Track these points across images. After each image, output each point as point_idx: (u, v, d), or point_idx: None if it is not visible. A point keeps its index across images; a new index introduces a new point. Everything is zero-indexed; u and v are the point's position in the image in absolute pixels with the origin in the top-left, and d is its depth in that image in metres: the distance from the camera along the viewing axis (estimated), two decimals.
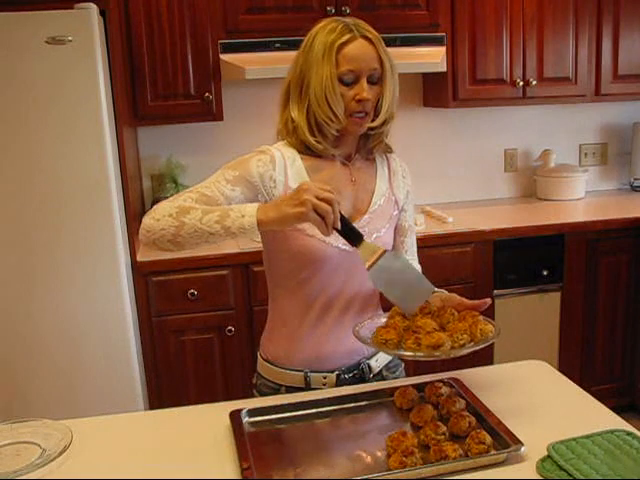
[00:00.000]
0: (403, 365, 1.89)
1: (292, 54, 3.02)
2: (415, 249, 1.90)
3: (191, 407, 1.63)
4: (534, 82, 3.42)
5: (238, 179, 1.64)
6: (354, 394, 1.57)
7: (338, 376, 1.74)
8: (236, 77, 3.05)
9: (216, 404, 1.61)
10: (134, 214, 2.92)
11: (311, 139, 1.68)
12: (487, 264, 3.19)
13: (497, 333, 1.48)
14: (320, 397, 1.56)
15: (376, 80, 1.64)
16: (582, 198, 3.81)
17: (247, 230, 1.46)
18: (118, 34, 2.80)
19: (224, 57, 3.05)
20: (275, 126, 1.77)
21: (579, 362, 3.37)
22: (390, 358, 1.83)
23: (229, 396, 1.67)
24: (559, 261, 3.28)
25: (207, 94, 3.09)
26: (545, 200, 3.81)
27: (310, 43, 1.67)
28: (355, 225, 1.60)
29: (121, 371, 2.73)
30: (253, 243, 3.01)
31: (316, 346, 1.74)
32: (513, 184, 3.97)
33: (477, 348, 1.43)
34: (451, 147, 3.81)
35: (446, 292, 1.69)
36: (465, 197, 3.86)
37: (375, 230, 1.74)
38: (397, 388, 1.55)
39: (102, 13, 2.62)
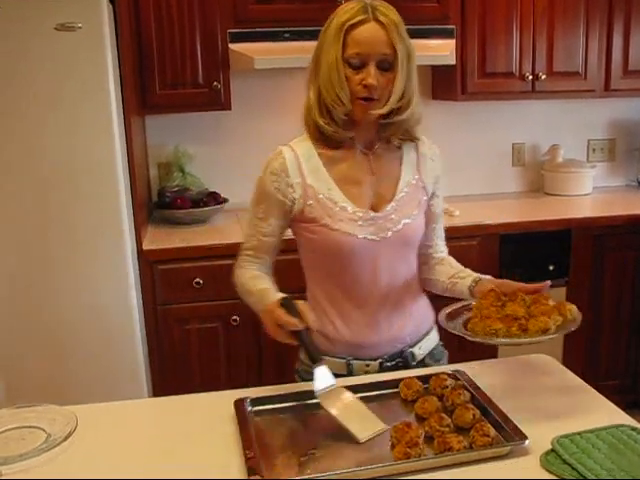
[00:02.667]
0: (447, 354, 1.90)
1: (301, 44, 3.07)
2: (443, 234, 1.90)
3: (196, 395, 1.63)
4: (543, 76, 3.40)
5: (266, 211, 1.74)
6: (359, 384, 1.57)
7: (381, 364, 1.75)
8: (245, 67, 3.04)
9: (221, 392, 1.62)
10: (141, 202, 2.92)
11: (321, 121, 1.68)
12: (493, 258, 3.18)
13: (579, 315, 1.51)
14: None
15: (388, 66, 1.61)
16: (589, 194, 3.79)
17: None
18: (127, 22, 2.79)
19: (233, 46, 3.04)
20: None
21: (583, 358, 3.36)
22: (434, 346, 1.84)
23: (233, 385, 1.67)
24: (565, 256, 3.27)
25: (215, 83, 3.09)
26: (552, 195, 3.79)
27: (328, 24, 1.66)
28: (380, 214, 1.68)
29: (126, 359, 2.73)
30: None
31: (357, 335, 1.75)
32: (520, 178, 3.95)
33: (570, 330, 1.46)
34: (459, 140, 3.79)
35: (490, 277, 1.70)
36: (472, 191, 3.85)
37: (404, 217, 1.73)
38: (402, 379, 1.56)
39: (111, 0, 2.62)
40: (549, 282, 1.58)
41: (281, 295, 1.61)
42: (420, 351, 1.81)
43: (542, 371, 1.69)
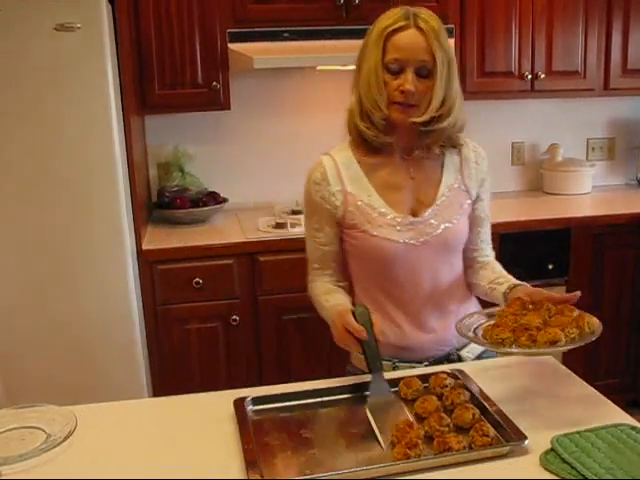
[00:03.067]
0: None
1: (300, 44, 3.07)
2: (489, 238, 1.90)
3: (196, 395, 1.63)
4: (542, 75, 3.41)
5: (319, 221, 1.79)
6: (358, 384, 1.57)
7: (426, 367, 1.75)
8: (244, 67, 3.04)
9: (220, 392, 1.62)
10: (140, 202, 2.92)
11: (361, 125, 1.71)
12: None
13: (600, 328, 1.47)
14: (324, 386, 1.57)
15: (427, 73, 1.62)
16: (589, 193, 3.79)
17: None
18: (126, 22, 2.79)
19: (232, 46, 3.04)
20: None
21: (583, 357, 3.35)
22: (483, 349, 1.81)
23: (233, 385, 1.67)
24: (565, 255, 3.27)
25: (215, 83, 3.09)
26: (552, 194, 3.79)
27: (371, 29, 1.69)
28: (420, 219, 1.71)
29: (126, 359, 2.73)
30: (259, 233, 3.02)
31: (401, 337, 1.78)
32: (520, 177, 3.95)
33: (586, 342, 1.43)
34: None
35: (528, 285, 1.69)
36: None
37: (444, 221, 1.74)
38: (402, 378, 1.56)
39: (111, 1, 2.62)
40: (579, 293, 1.57)
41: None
42: (469, 354, 1.81)
43: (541, 370, 1.69)
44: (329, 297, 1.77)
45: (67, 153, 2.54)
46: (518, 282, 1.73)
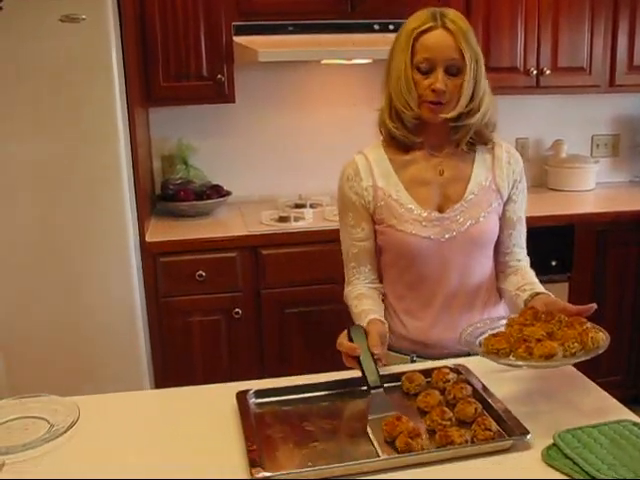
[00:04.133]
0: None
1: (305, 37, 3.07)
2: (523, 241, 1.88)
3: (198, 387, 1.63)
4: (548, 71, 3.40)
5: (355, 217, 1.81)
6: (360, 377, 1.57)
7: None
8: (249, 59, 3.03)
9: (223, 384, 1.62)
10: (144, 195, 2.92)
11: (390, 125, 1.74)
12: None
13: (606, 342, 1.43)
14: (326, 380, 1.57)
15: (456, 72, 1.65)
16: (593, 189, 3.78)
17: None
18: (131, 14, 2.79)
19: (237, 39, 3.03)
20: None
21: None
22: None
23: (235, 378, 1.67)
24: (568, 252, 3.26)
25: (219, 76, 3.08)
26: (555, 190, 3.78)
27: (400, 31, 1.72)
28: (446, 215, 1.73)
29: (128, 351, 2.74)
30: (262, 226, 3.02)
31: (422, 333, 1.80)
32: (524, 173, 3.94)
33: (588, 357, 1.40)
34: None
35: (551, 295, 1.68)
36: None
37: (471, 218, 1.75)
38: (404, 373, 1.56)
39: None
40: (595, 305, 1.55)
41: (371, 317, 1.68)
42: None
43: None
44: (358, 302, 1.79)
45: (71, 145, 2.54)
46: (541, 290, 1.72)
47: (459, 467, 1.25)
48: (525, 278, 1.81)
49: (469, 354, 1.77)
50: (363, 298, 1.80)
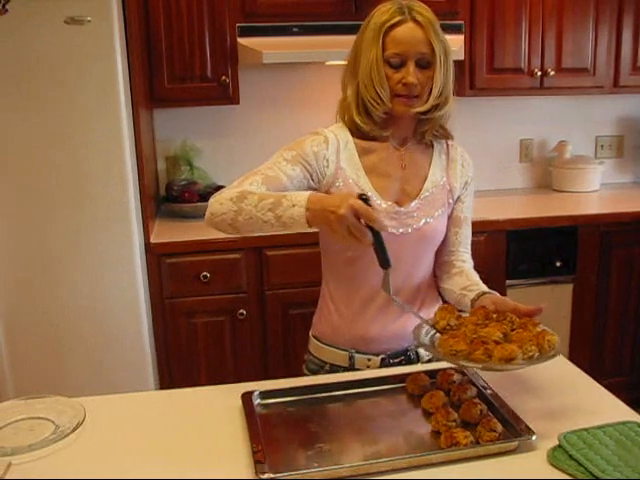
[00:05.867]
0: None
1: (309, 39, 3.07)
2: (468, 242, 1.87)
3: (204, 388, 1.63)
4: (552, 72, 3.40)
5: (296, 158, 1.68)
6: (365, 379, 1.57)
7: (383, 360, 1.77)
8: (253, 61, 3.04)
9: (228, 385, 1.62)
10: (148, 196, 2.93)
11: (358, 119, 1.71)
12: (500, 254, 3.18)
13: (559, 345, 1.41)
14: (331, 381, 1.57)
15: (426, 64, 1.64)
16: (597, 190, 3.78)
17: (296, 220, 1.45)
18: (136, 15, 2.79)
19: (241, 41, 3.04)
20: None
21: (589, 354, 3.36)
22: None
23: (239, 379, 1.67)
24: (572, 253, 3.26)
25: (224, 77, 3.09)
26: (560, 191, 3.78)
27: (366, 24, 1.69)
28: (404, 209, 1.70)
29: (133, 352, 2.74)
30: None
31: (362, 328, 1.77)
32: (528, 174, 3.95)
33: (545, 362, 1.39)
34: (466, 136, 3.73)
35: (497, 294, 1.66)
36: (479, 186, 3.76)
37: (426, 215, 1.75)
38: (409, 374, 1.56)
39: None
40: (544, 306, 1.51)
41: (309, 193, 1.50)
42: (426, 352, 1.81)
43: (548, 367, 1.68)
44: (283, 194, 1.51)
45: (76, 146, 2.55)
46: (488, 290, 1.70)
47: (464, 468, 1.25)
48: (470, 279, 1.79)
49: (407, 350, 1.78)
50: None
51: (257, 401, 1.49)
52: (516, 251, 3.21)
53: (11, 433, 1.41)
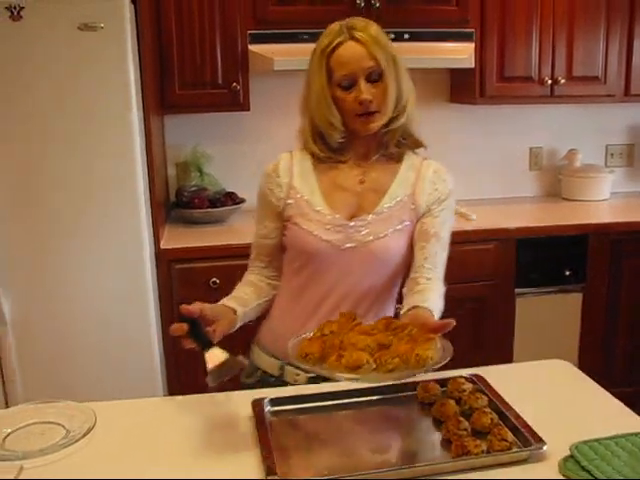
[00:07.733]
0: None
1: None
2: (437, 260, 1.72)
3: (214, 394, 1.63)
4: (562, 80, 3.39)
5: (261, 214, 1.81)
6: (377, 387, 1.57)
7: (310, 378, 1.70)
8: (264, 68, 3.05)
9: (238, 392, 1.62)
10: (159, 202, 2.94)
11: (314, 147, 1.73)
12: (509, 262, 3.18)
13: (438, 362, 1.30)
14: (342, 389, 1.57)
15: (377, 77, 1.65)
16: (607, 199, 3.77)
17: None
18: (148, 22, 2.81)
19: (252, 47, 3.05)
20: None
21: (599, 364, 3.34)
22: None
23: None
24: (582, 262, 3.26)
25: (234, 84, 3.10)
26: (569, 200, 3.78)
27: (313, 51, 1.71)
28: (355, 223, 1.69)
29: (142, 358, 2.75)
30: None
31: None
32: (538, 183, 3.94)
33: (407, 377, 1.35)
34: (476, 144, 3.78)
35: (431, 310, 1.57)
36: (489, 194, 3.83)
37: (375, 232, 1.70)
38: (419, 382, 1.55)
39: (133, 1, 2.63)
40: (453, 322, 1.38)
41: (224, 301, 1.76)
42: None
43: (559, 376, 1.69)
44: (237, 287, 1.80)
45: (87, 151, 2.56)
46: (424, 306, 1.57)
47: (475, 477, 1.24)
48: (423, 297, 1.62)
49: None
50: (244, 285, 1.81)
51: (267, 408, 1.49)
52: (525, 260, 3.20)
53: (22, 437, 1.41)
